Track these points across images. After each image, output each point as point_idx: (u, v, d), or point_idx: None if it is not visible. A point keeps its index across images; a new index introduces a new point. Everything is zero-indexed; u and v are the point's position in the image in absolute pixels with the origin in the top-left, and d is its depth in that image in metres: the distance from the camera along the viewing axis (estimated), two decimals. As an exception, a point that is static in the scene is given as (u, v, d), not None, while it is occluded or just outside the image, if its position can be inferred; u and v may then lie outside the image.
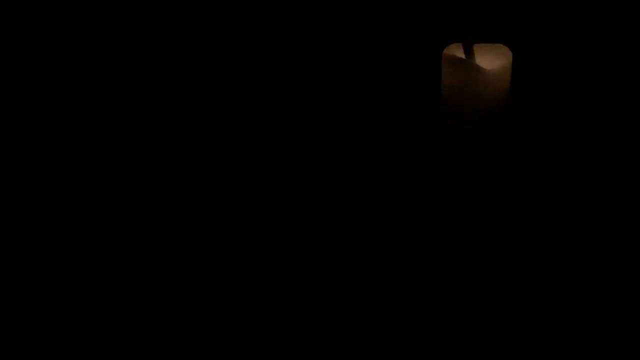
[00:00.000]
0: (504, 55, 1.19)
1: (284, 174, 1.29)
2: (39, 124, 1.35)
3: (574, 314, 1.10)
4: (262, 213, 1.23)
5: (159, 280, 1.16)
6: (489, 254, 1.16)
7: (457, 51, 1.18)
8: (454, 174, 1.22)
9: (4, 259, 1.19)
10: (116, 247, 1.20)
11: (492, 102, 1.18)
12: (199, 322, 1.11)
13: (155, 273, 1.17)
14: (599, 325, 1.09)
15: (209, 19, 1.45)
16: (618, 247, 1.16)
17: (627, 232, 1.18)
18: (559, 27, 1.40)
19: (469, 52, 1.16)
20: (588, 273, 1.14)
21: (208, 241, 1.20)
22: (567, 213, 1.19)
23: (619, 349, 1.06)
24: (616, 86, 1.37)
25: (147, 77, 1.41)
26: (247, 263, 1.17)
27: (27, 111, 1.36)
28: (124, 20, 1.42)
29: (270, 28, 1.44)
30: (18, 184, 1.29)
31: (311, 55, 1.43)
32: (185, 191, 1.28)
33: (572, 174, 1.26)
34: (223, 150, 1.32)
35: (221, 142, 1.34)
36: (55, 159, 1.32)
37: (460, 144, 1.21)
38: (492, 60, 1.18)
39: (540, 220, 1.19)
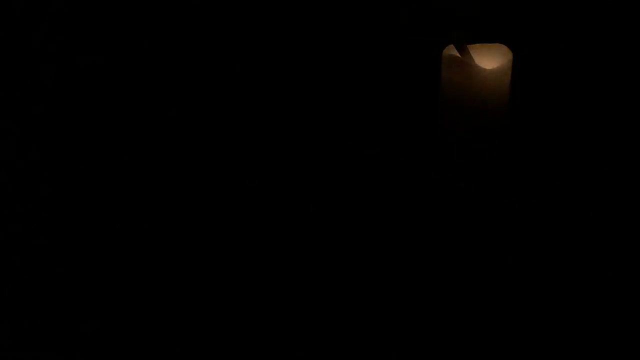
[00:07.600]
0: (504, 55, 1.19)
1: (287, 175, 1.29)
2: (39, 124, 1.35)
3: (570, 313, 1.10)
4: (268, 214, 1.24)
5: (159, 280, 1.16)
6: (489, 254, 1.16)
7: (456, 51, 1.18)
8: (454, 174, 1.22)
9: (4, 259, 1.19)
10: (116, 248, 1.20)
11: (492, 102, 1.18)
12: (198, 322, 1.11)
13: (155, 274, 1.17)
14: (595, 323, 1.09)
15: (209, 23, 1.45)
16: (616, 246, 1.16)
17: (626, 231, 1.18)
18: (559, 27, 1.40)
19: (462, 51, 1.16)
20: (585, 271, 1.14)
21: (214, 243, 1.20)
22: (565, 212, 1.19)
23: (618, 347, 1.06)
24: (616, 86, 1.37)
25: (154, 78, 1.41)
26: (252, 264, 1.17)
27: (26, 111, 1.36)
28: (123, 20, 1.42)
29: (271, 28, 1.44)
30: (17, 184, 1.29)
31: (310, 55, 1.43)
32: (186, 193, 1.28)
33: (572, 173, 1.26)
34: (229, 154, 1.33)
35: (226, 145, 1.34)
36: (55, 159, 1.32)
37: (460, 145, 1.21)
38: (492, 60, 1.18)
39: (540, 219, 1.19)
